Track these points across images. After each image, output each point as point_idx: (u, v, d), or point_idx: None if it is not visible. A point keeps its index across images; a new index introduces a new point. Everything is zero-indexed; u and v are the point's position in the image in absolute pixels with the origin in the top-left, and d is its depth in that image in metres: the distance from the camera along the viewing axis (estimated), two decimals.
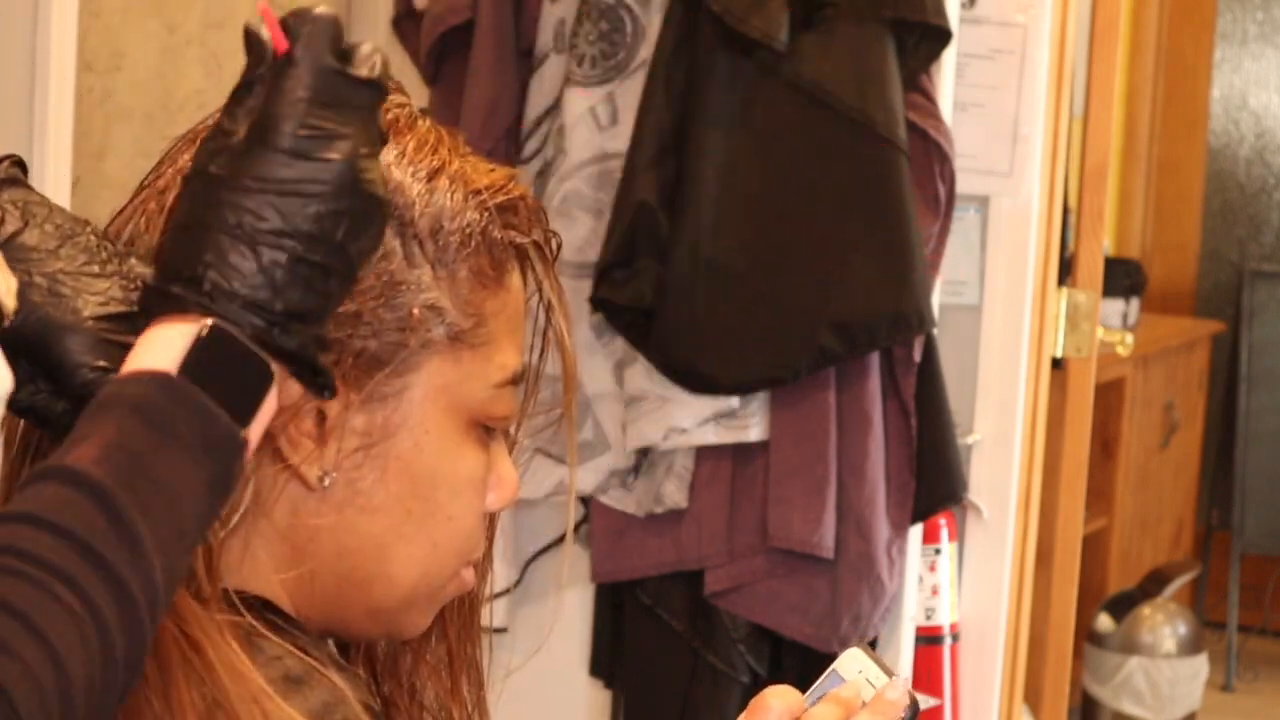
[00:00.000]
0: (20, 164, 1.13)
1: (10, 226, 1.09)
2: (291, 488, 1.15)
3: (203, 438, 1.01)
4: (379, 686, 1.27)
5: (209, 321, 1.03)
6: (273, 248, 1.03)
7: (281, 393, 1.07)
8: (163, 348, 1.02)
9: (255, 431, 1.04)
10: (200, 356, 1.02)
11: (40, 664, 0.92)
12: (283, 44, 1.06)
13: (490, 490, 1.21)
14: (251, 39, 1.08)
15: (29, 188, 1.12)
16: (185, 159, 1.18)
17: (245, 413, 1.03)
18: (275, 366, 1.05)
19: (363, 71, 1.07)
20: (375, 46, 1.09)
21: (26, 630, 0.92)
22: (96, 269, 1.09)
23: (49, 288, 1.08)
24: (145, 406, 1.00)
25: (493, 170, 1.21)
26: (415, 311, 1.15)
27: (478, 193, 1.19)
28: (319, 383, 1.08)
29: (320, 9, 1.08)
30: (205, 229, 1.04)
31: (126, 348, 1.05)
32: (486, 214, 1.18)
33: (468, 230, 1.17)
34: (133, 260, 1.11)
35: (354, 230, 1.06)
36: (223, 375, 1.02)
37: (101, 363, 1.06)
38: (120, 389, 1.01)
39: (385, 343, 1.15)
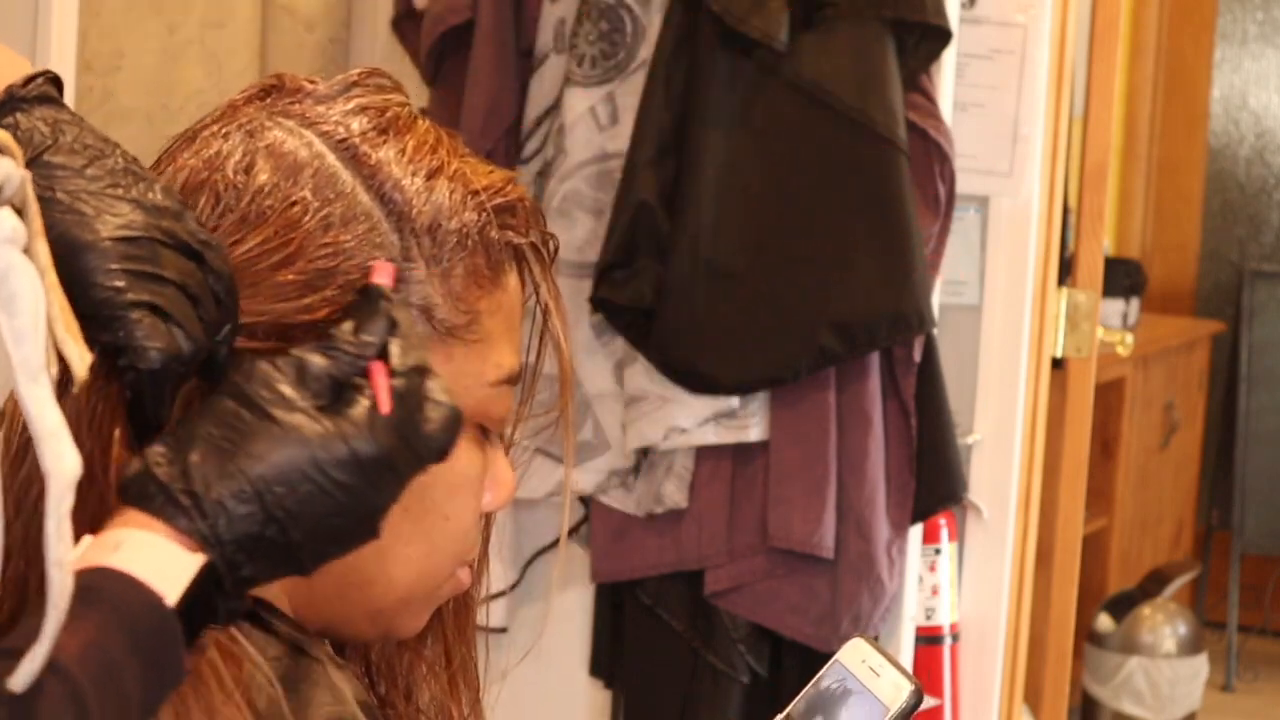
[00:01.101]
0: (55, 81, 1.12)
1: (39, 143, 1.08)
2: None
3: (159, 664, 0.99)
4: (375, 687, 1.27)
5: (205, 559, 1.01)
6: (278, 524, 1.03)
7: None
8: (164, 564, 1.01)
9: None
10: (194, 600, 1.01)
11: None
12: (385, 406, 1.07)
13: (487, 490, 1.21)
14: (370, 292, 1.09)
15: (62, 105, 1.11)
16: (185, 157, 1.18)
17: (190, 641, 1.02)
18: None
19: (433, 428, 1.08)
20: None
21: None
22: (120, 191, 1.08)
23: (70, 204, 1.06)
24: (133, 619, 0.99)
25: (491, 172, 1.21)
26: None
27: (476, 193, 1.19)
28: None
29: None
30: (235, 459, 1.03)
31: (143, 274, 1.04)
32: (484, 214, 1.18)
33: (465, 230, 1.17)
34: (157, 188, 1.10)
35: (336, 540, 1.06)
36: (199, 623, 1.02)
37: (117, 283, 1.04)
38: (115, 589, 1.00)
39: None
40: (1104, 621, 4.96)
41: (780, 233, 2.69)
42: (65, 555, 0.94)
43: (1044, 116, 2.99)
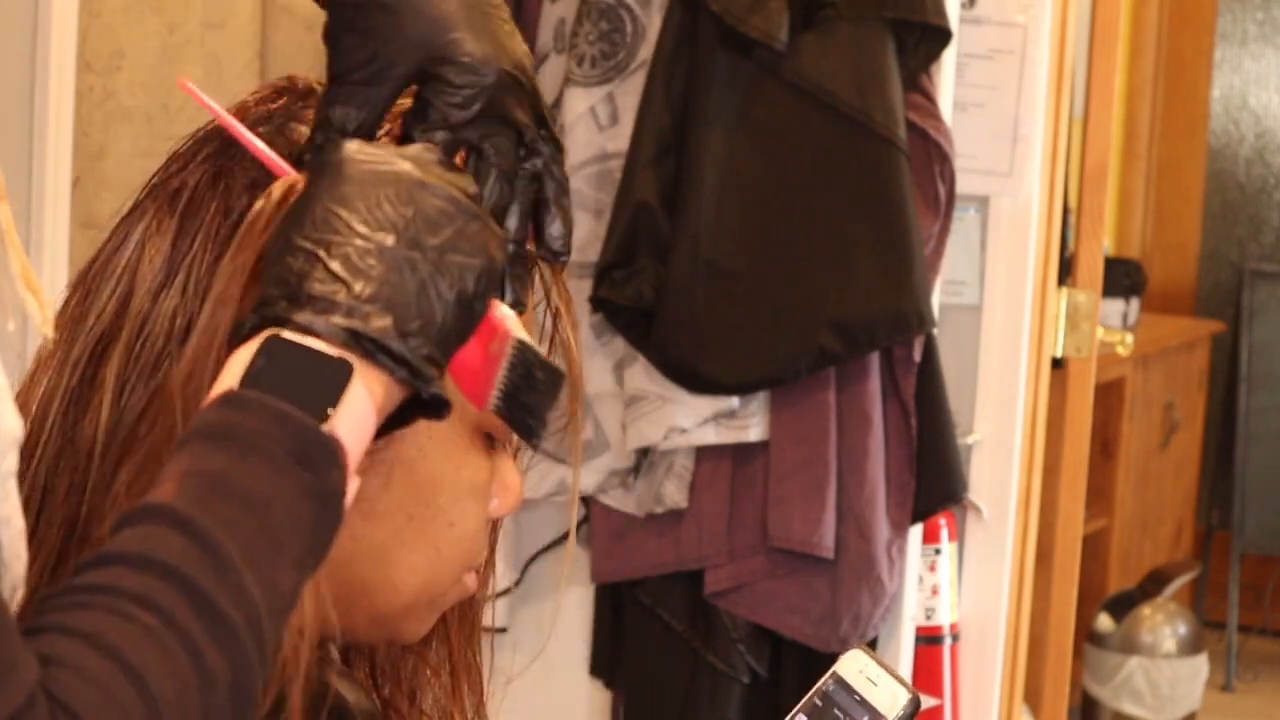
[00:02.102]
0: None
1: None
2: None
3: (285, 445, 0.97)
4: (379, 688, 1.27)
5: (269, 332, 1.00)
6: (371, 266, 1.01)
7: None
8: (229, 372, 1.00)
9: (349, 430, 0.99)
10: (264, 365, 0.98)
11: (116, 683, 0.89)
12: None
13: (494, 496, 1.20)
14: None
15: None
16: (193, 164, 1.18)
17: (319, 409, 0.98)
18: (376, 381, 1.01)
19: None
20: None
21: (97, 650, 0.89)
22: None
23: None
24: (215, 426, 0.97)
25: None
26: None
27: None
28: (427, 391, 1.03)
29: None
30: (301, 251, 1.02)
31: None
32: None
33: None
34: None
35: (440, 249, 1.03)
36: (290, 378, 0.98)
37: None
38: (193, 423, 0.98)
39: None
40: (1104, 621, 4.97)
41: (780, 233, 2.69)
42: (11, 514, 0.94)
43: (1044, 116, 2.99)
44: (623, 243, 2.69)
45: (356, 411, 1.00)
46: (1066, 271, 3.28)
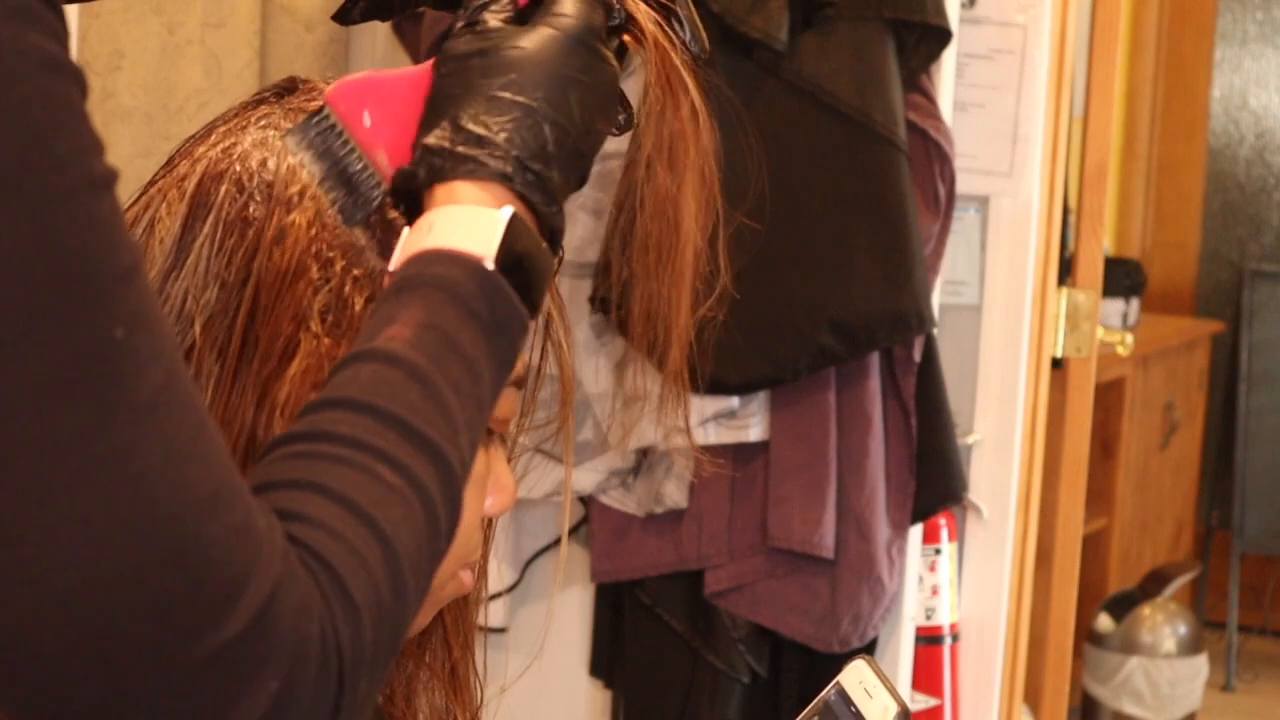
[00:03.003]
0: None
1: None
2: None
3: (499, 322, 1.04)
4: None
5: (512, 203, 1.07)
6: (553, 125, 1.10)
7: None
8: (472, 229, 1.05)
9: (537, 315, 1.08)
10: (510, 246, 1.05)
11: (368, 545, 0.93)
12: None
13: (488, 495, 1.21)
14: None
15: None
16: (201, 150, 1.19)
17: (536, 301, 1.07)
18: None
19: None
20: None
21: (354, 514, 0.93)
22: None
23: None
24: (455, 289, 1.03)
25: None
26: None
27: None
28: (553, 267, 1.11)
29: None
30: (497, 99, 1.09)
31: None
32: None
33: None
34: None
35: (599, 118, 1.16)
36: (525, 269, 1.06)
37: None
38: (432, 270, 1.04)
39: None
40: (1104, 621, 4.97)
41: (780, 232, 2.68)
42: None
43: (1044, 116, 2.99)
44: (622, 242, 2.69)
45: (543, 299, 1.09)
46: (1066, 271, 3.28)
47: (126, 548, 0.86)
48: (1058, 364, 3.23)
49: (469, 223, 1.05)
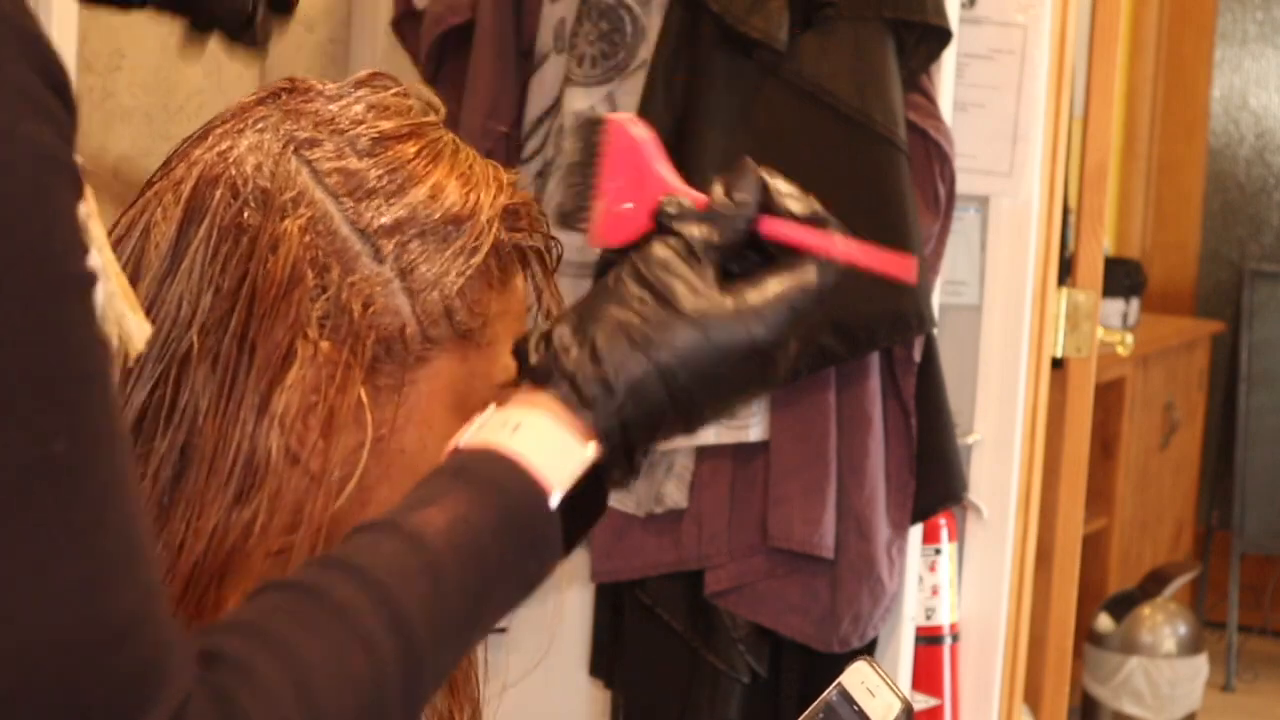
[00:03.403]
0: None
1: None
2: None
3: (537, 549, 1.01)
4: None
5: (594, 453, 1.05)
6: (679, 404, 1.07)
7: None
8: (554, 455, 1.03)
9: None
10: (578, 492, 1.04)
11: (292, 709, 0.90)
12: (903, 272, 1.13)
13: None
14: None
15: None
16: (198, 153, 1.19)
17: (575, 543, 1.05)
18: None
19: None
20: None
21: (297, 687, 0.90)
22: None
23: None
24: (510, 501, 1.01)
25: (498, 173, 1.22)
26: (432, 305, 1.16)
27: (487, 195, 1.20)
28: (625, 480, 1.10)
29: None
30: (642, 348, 1.06)
31: None
32: (494, 217, 1.19)
33: (478, 233, 1.19)
34: None
35: (718, 413, 1.10)
36: (580, 511, 1.04)
37: None
38: (496, 474, 1.02)
39: (403, 335, 1.16)
40: (1104, 621, 4.97)
41: None
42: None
43: (1044, 116, 2.99)
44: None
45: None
46: (1066, 271, 3.28)
47: (23, 666, 0.82)
48: (1058, 364, 3.23)
49: (555, 449, 1.04)
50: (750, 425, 2.72)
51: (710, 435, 2.72)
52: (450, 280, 1.17)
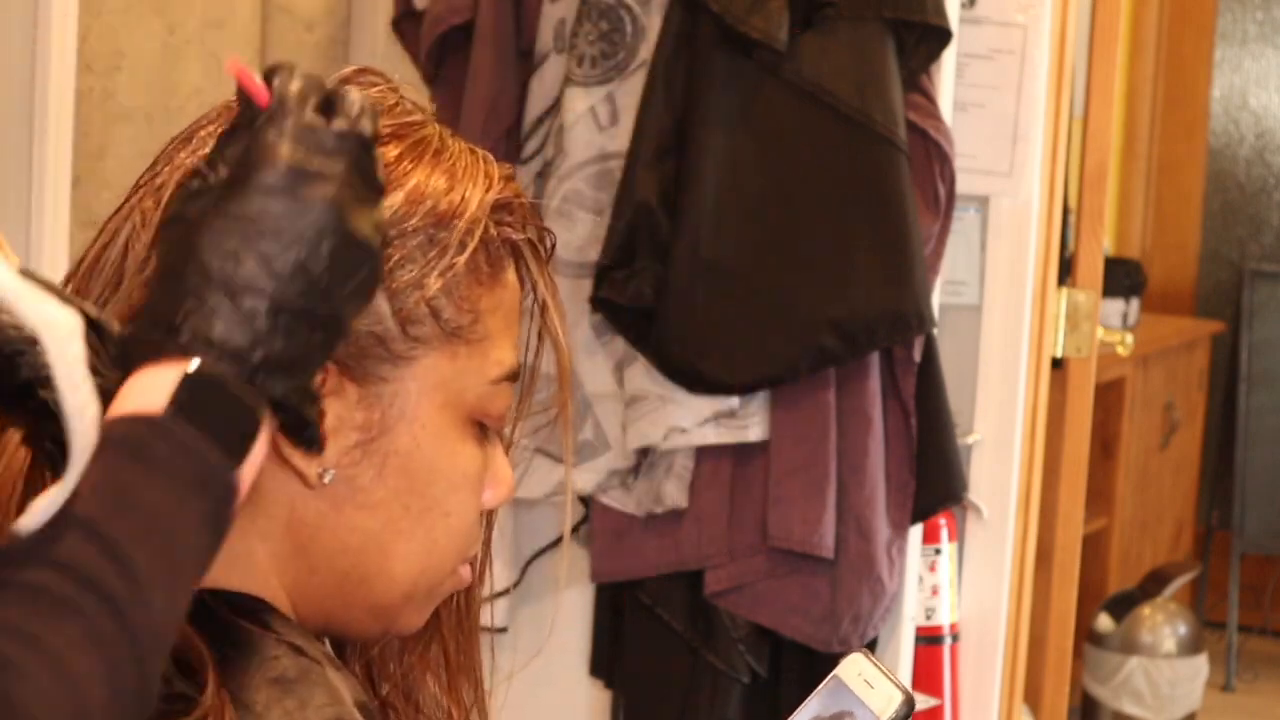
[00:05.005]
0: None
1: None
2: (290, 485, 1.16)
3: (192, 475, 0.99)
4: (375, 688, 1.27)
5: (194, 362, 1.01)
6: (253, 294, 1.02)
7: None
8: (148, 390, 1.01)
9: (246, 474, 1.02)
10: (187, 396, 1.00)
11: (54, 684, 0.91)
12: (263, 97, 1.06)
13: (487, 488, 1.21)
14: (240, 91, 1.07)
15: None
16: (182, 157, 1.18)
17: (235, 453, 1.01)
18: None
19: (342, 124, 1.06)
20: (362, 97, 1.08)
21: (36, 652, 0.91)
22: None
23: None
24: (130, 442, 0.99)
25: (488, 166, 1.21)
26: (414, 306, 1.16)
27: (475, 189, 1.19)
28: (306, 436, 1.07)
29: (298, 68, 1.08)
30: (182, 276, 1.02)
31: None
32: (483, 211, 1.19)
33: (467, 228, 1.18)
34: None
35: (339, 278, 1.04)
36: (211, 415, 1.01)
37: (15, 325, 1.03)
38: (106, 432, 1.00)
39: (384, 336, 1.15)
40: (1104, 621, 4.96)
41: (780, 233, 2.69)
42: (84, 403, 0.97)
43: (1044, 116, 2.99)
44: (623, 243, 2.69)
45: (255, 459, 1.03)
46: (1066, 271, 3.28)
47: None
48: (1058, 364, 3.23)
49: (146, 386, 1.01)
50: (750, 425, 2.72)
51: (710, 435, 2.72)
52: (432, 281, 1.16)
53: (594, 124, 2.77)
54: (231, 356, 1.01)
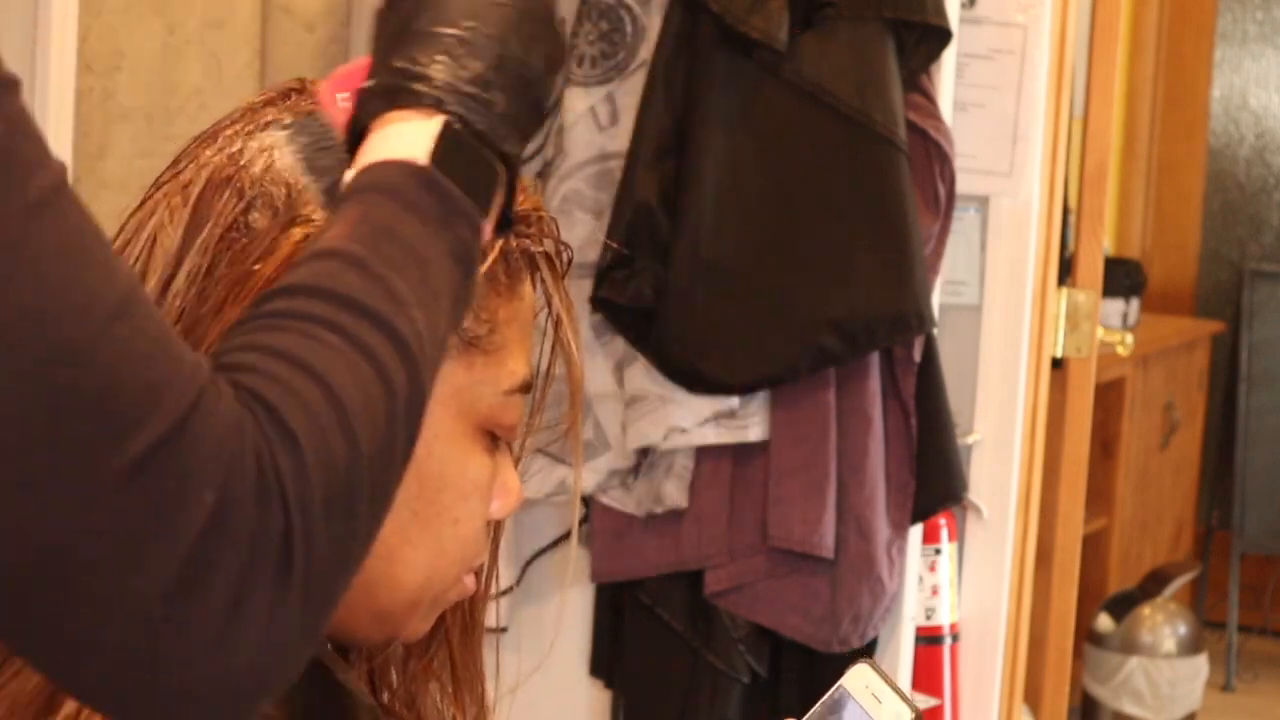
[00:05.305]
0: None
1: None
2: None
3: (444, 212, 1.02)
4: (377, 694, 1.27)
5: (446, 116, 1.05)
6: (487, 51, 1.07)
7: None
8: (406, 140, 1.04)
9: (487, 228, 1.05)
10: (445, 149, 1.04)
11: (308, 388, 0.91)
12: None
13: (495, 498, 1.21)
14: None
15: None
16: (208, 155, 1.18)
17: (484, 205, 1.05)
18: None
19: None
20: None
21: (290, 362, 0.92)
22: None
23: None
24: (389, 187, 1.02)
25: None
26: None
27: None
28: (506, 212, 1.09)
29: None
30: (429, 34, 1.07)
31: None
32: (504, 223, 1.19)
33: (487, 238, 1.18)
34: None
35: (535, 43, 1.09)
36: (464, 169, 1.04)
37: None
38: (364, 178, 1.03)
39: None
40: (1104, 621, 4.97)
41: (780, 233, 2.69)
42: None
43: (1044, 116, 2.99)
44: (623, 243, 2.69)
45: (493, 213, 1.07)
46: (1066, 271, 3.28)
47: (26, 340, 0.84)
48: (1058, 364, 3.23)
49: (400, 136, 1.05)
50: (750, 425, 2.72)
51: (710, 435, 2.72)
52: None
53: (594, 124, 2.77)
54: (479, 108, 1.06)
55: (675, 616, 2.80)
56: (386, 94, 1.06)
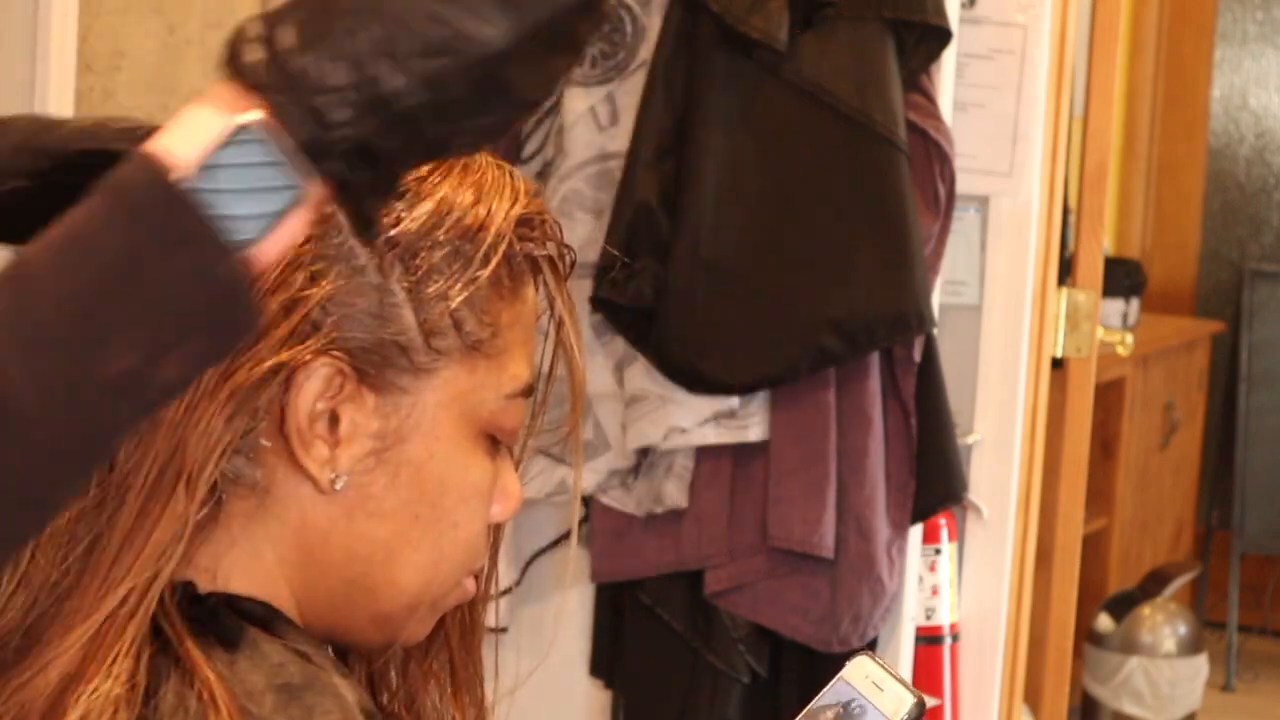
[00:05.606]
0: None
1: None
2: (302, 490, 1.16)
3: (178, 235, 0.89)
4: (377, 696, 1.27)
5: (262, 110, 0.93)
6: (389, 72, 0.92)
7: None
8: (190, 130, 0.94)
9: (267, 249, 0.93)
10: (227, 155, 0.92)
11: None
12: None
13: (495, 501, 1.21)
14: None
15: None
16: None
17: (259, 227, 0.92)
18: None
19: None
20: None
21: None
22: None
23: None
24: (127, 188, 0.90)
25: (513, 181, 1.21)
26: (438, 318, 1.16)
27: (500, 204, 1.19)
28: (362, 224, 0.97)
29: None
30: (347, 30, 0.93)
31: None
32: (508, 226, 1.19)
33: (491, 242, 1.18)
34: None
35: (470, 111, 0.94)
36: (241, 183, 0.91)
37: None
38: (119, 170, 0.92)
39: (407, 347, 1.15)
40: (1104, 621, 4.97)
41: (780, 233, 2.69)
42: None
43: (1044, 116, 2.99)
44: (623, 243, 2.69)
45: (285, 231, 0.94)
46: (1066, 271, 3.28)
47: None
48: (1058, 364, 3.23)
49: (190, 123, 0.93)
50: (750, 425, 2.72)
51: (710, 435, 2.72)
52: (456, 293, 1.16)
53: (594, 124, 2.77)
54: (315, 117, 0.92)
55: (675, 616, 2.80)
56: (231, 55, 0.95)
